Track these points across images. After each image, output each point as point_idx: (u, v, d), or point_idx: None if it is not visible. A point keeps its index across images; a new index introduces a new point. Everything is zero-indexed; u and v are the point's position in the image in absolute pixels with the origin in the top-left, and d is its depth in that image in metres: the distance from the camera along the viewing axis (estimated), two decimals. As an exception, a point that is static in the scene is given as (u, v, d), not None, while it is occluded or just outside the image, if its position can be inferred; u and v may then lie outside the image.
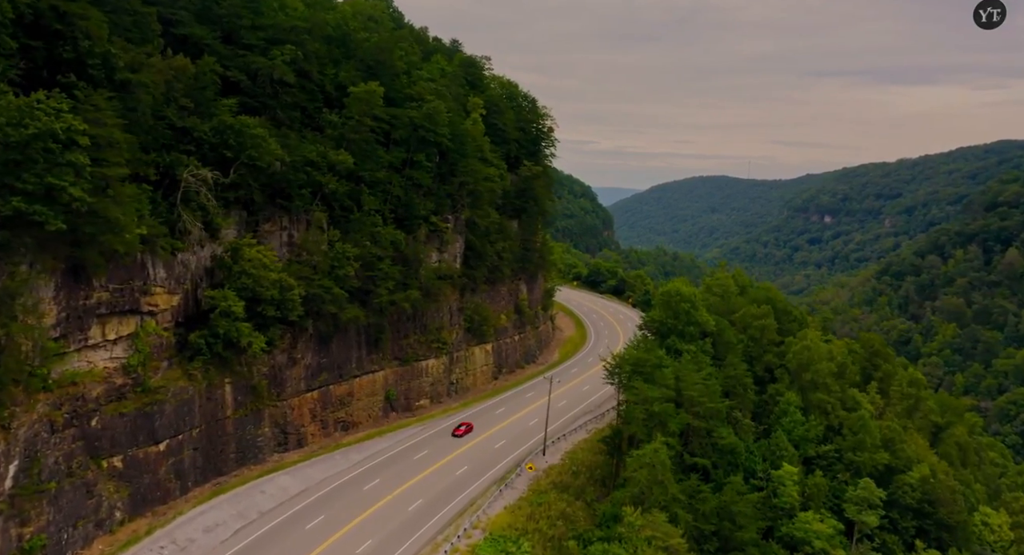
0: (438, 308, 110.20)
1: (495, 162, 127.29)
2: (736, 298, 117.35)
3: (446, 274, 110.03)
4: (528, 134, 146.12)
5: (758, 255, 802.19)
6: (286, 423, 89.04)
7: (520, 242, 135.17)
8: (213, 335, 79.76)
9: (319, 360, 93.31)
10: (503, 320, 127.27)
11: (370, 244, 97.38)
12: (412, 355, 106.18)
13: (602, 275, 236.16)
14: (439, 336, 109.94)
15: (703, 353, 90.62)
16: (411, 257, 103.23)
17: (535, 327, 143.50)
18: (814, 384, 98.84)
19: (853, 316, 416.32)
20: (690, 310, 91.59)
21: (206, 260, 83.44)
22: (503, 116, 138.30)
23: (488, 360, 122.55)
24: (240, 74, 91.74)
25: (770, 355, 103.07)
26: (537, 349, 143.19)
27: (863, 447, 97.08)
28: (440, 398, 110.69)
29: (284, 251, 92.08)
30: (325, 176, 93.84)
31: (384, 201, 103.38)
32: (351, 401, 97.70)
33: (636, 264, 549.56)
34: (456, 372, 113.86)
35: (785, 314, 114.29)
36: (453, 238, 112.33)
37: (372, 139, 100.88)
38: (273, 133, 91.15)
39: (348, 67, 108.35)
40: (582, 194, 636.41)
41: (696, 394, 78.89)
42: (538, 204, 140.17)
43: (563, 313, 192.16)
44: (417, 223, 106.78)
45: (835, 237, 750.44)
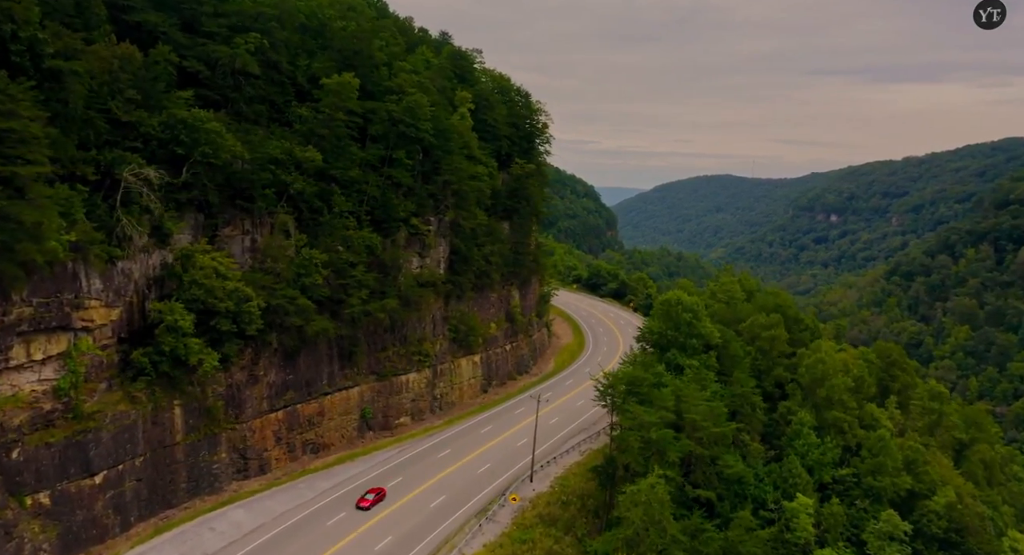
0: (420, 318, 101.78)
1: (484, 160, 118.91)
2: (743, 305, 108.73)
3: (428, 281, 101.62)
4: (521, 130, 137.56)
5: (764, 255, 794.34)
6: (246, 447, 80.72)
7: (512, 245, 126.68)
8: (159, 353, 71.49)
9: (284, 377, 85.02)
10: (493, 329, 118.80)
11: (342, 249, 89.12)
12: (391, 369, 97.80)
13: (603, 278, 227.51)
14: (421, 348, 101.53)
15: (707, 368, 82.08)
16: (388, 263, 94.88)
17: (528, 335, 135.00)
18: (829, 401, 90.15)
19: (862, 318, 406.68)
20: (692, 321, 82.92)
21: (155, 268, 75.21)
22: (494, 111, 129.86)
23: (476, 372, 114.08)
24: (198, 64, 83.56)
25: (780, 369, 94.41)
26: (531, 359, 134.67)
27: (884, 470, 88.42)
28: (422, 415, 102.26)
29: (246, 258, 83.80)
30: (291, 175, 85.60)
31: (360, 202, 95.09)
32: (321, 421, 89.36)
33: (640, 265, 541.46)
34: (440, 386, 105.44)
35: (796, 322, 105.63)
36: (436, 242, 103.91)
37: (345, 135, 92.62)
38: (234, 128, 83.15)
39: (323, 58, 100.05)
40: (585, 194, 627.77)
41: (699, 417, 70.31)
42: (531, 204, 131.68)
43: (561, 319, 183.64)
44: (396, 226, 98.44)
45: (841, 236, 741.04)
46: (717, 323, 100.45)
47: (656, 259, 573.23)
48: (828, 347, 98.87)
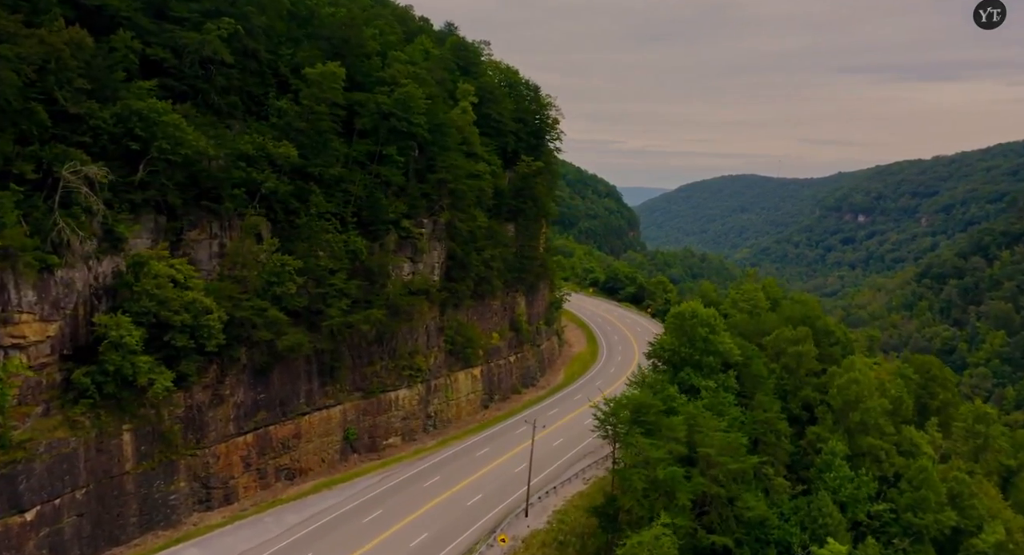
0: (411, 329, 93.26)
1: (486, 157, 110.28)
2: (767, 316, 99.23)
3: (420, 288, 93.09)
4: (529, 126, 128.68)
5: (789, 255, 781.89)
6: (209, 476, 72.64)
7: (517, 248, 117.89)
8: (103, 372, 63.56)
9: (255, 396, 76.91)
10: (495, 339, 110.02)
11: (322, 254, 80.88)
12: (378, 385, 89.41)
13: (620, 281, 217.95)
14: (412, 362, 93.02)
15: (725, 390, 72.80)
16: (375, 269, 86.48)
17: (535, 345, 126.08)
18: (864, 426, 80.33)
19: (892, 322, 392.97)
20: (709, 336, 73.50)
21: (105, 277, 67.43)
22: (499, 105, 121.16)
23: (475, 387, 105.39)
24: (164, 52, 75.74)
25: (808, 389, 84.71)
26: (538, 370, 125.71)
27: (925, 505, 78.46)
28: (414, 435, 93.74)
29: (214, 264, 75.86)
30: (263, 173, 77.55)
31: (345, 203, 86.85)
32: (298, 444, 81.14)
33: (662, 266, 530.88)
34: (435, 403, 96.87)
35: (826, 335, 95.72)
36: (430, 246, 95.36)
37: (328, 129, 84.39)
38: (200, 121, 75.30)
39: (309, 47, 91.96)
40: (606, 194, 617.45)
41: (715, 452, 61.07)
42: (539, 205, 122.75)
43: (574, 325, 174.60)
44: (384, 229, 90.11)
45: (869, 237, 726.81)
46: (738, 336, 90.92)
47: (679, 260, 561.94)
48: (862, 364, 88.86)
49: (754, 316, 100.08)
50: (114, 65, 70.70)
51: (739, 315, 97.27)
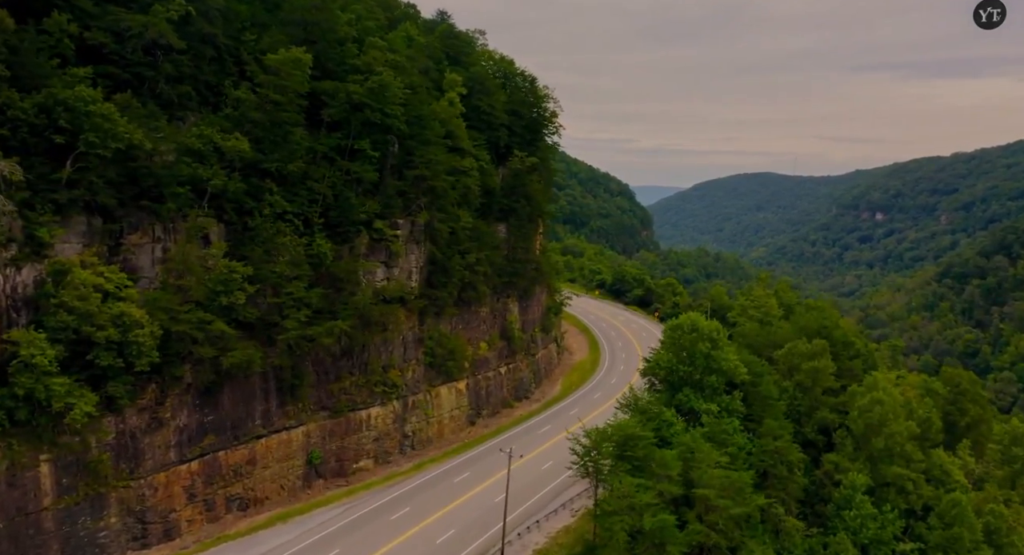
0: (385, 340, 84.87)
1: (473, 152, 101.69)
2: (779, 325, 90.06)
3: (395, 296, 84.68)
4: (523, 119, 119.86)
5: (806, 254, 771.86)
6: (145, 509, 64.54)
7: (508, 251, 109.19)
8: (12, 396, 55.78)
9: (201, 419, 68.80)
10: (483, 350, 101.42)
11: (280, 260, 72.60)
12: (347, 403, 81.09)
13: (627, 283, 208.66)
14: (386, 377, 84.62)
15: (729, 414, 63.95)
16: (341, 275, 78.10)
17: (530, 355, 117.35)
18: (888, 453, 71.04)
19: (912, 324, 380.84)
20: (711, 352, 64.46)
21: (25, 287, 59.62)
22: (491, 97, 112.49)
23: (460, 402, 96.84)
24: (103, 36, 67.80)
25: (825, 410, 75.48)
26: (532, 382, 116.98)
27: (959, 546, 69.20)
28: (388, 457, 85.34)
29: (156, 272, 67.82)
30: (210, 169, 69.43)
31: (310, 202, 78.59)
32: (252, 471, 72.95)
33: (675, 266, 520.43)
34: (412, 422, 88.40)
35: (845, 346, 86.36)
36: (406, 249, 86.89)
37: (289, 120, 76.16)
38: (141, 112, 67.31)
39: (275, 32, 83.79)
40: (619, 192, 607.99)
41: (714, 493, 52.27)
42: (532, 203, 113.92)
43: (576, 330, 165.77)
44: (355, 230, 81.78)
45: (887, 235, 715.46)
46: (746, 348, 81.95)
47: (693, 260, 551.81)
48: (885, 381, 79.51)
49: (765, 325, 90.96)
50: (44, 50, 63.29)
51: (748, 324, 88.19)
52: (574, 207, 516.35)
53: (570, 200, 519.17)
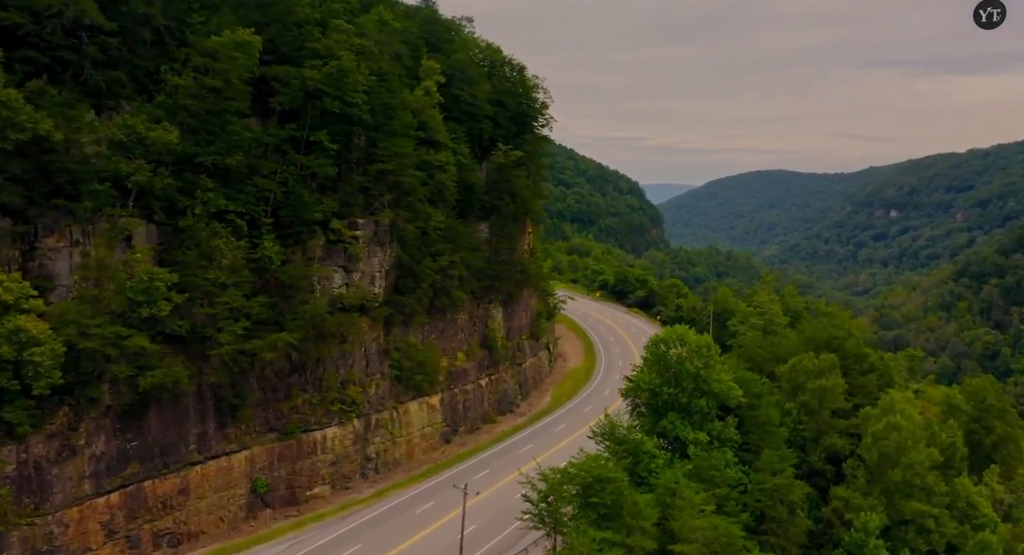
0: (344, 353, 76.55)
1: (451, 145, 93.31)
2: (785, 333, 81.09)
3: (355, 304, 76.35)
4: (510, 111, 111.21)
5: (819, 252, 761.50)
6: (54, 549, 56.43)
7: (491, 252, 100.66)
8: None
9: (123, 445, 60.69)
10: (460, 360, 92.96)
11: (216, 266, 64.37)
12: (298, 424, 72.83)
13: (630, 284, 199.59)
14: (344, 393, 76.30)
15: (721, 443, 55.19)
16: (289, 282, 69.85)
17: (516, 364, 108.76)
18: (907, 486, 61.84)
19: (929, 325, 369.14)
20: (700, 372, 55.56)
21: (-93, 297, 51.66)
22: (473, 86, 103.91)
23: (433, 419, 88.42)
24: (20, 16, 59.93)
25: (834, 436, 66.27)
26: (519, 393, 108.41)
27: (990, 593, 60.40)
28: (348, 482, 77.02)
29: (75, 279, 59.83)
30: (133, 162, 61.34)
31: (257, 200, 70.43)
32: (185, 502, 64.77)
33: (685, 265, 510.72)
34: (376, 442, 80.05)
35: (858, 359, 77.04)
36: (368, 251, 78.53)
37: (228, 108, 67.99)
38: (58, 100, 59.45)
39: (226, 13, 75.77)
40: (628, 190, 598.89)
41: (697, 550, 43.27)
42: (518, 201, 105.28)
43: (573, 335, 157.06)
44: (308, 231, 73.53)
45: (902, 233, 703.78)
46: (746, 361, 73.06)
47: (703, 258, 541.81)
48: (903, 402, 70.23)
49: (768, 335, 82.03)
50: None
51: (749, 333, 79.35)
52: (582, 205, 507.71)
53: (578, 198, 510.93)
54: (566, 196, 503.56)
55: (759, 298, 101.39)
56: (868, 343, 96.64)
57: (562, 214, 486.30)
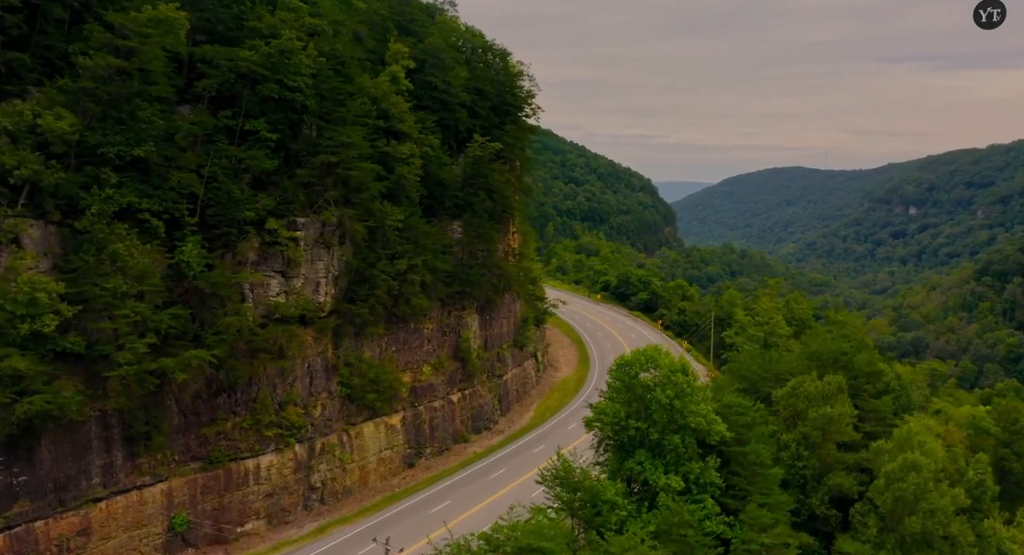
0: (282, 370, 67.60)
1: (417, 136, 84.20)
2: (788, 345, 71.22)
3: (296, 314, 67.41)
4: (489, 99, 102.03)
5: (836, 250, 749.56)
6: (-88, 610, 48.05)
7: (464, 254, 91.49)
8: None
9: (9, 479, 51.98)
10: (426, 375, 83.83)
11: (117, 273, 55.58)
12: (226, 451, 63.95)
13: (632, 286, 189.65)
14: (283, 416, 67.36)
15: (700, 489, 45.61)
16: (210, 291, 60.99)
17: (496, 376, 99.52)
18: (927, 538, 51.86)
19: (949, 326, 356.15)
20: (675, 402, 45.66)
21: None
22: (448, 73, 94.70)
23: (393, 441, 79.35)
24: None
25: (840, 473, 56.13)
26: (498, 408, 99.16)
27: None
28: (287, 516, 68.06)
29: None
30: (18, 154, 52.80)
31: (180, 198, 61.69)
32: (86, 544, 55.97)
33: (698, 264, 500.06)
34: (322, 470, 71.05)
35: (871, 378, 66.86)
36: (311, 254, 69.56)
37: (138, 92, 59.25)
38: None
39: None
40: (640, 188, 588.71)
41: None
42: (496, 197, 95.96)
43: (569, 340, 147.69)
44: (240, 232, 64.68)
45: (921, 230, 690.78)
46: (740, 381, 63.41)
47: (717, 257, 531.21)
48: (921, 429, 60.04)
49: (770, 348, 72.25)
50: None
51: (746, 347, 69.53)
52: (593, 203, 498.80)
53: (589, 196, 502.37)
54: (577, 194, 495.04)
55: (760, 305, 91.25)
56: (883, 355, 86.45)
57: (572, 212, 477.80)
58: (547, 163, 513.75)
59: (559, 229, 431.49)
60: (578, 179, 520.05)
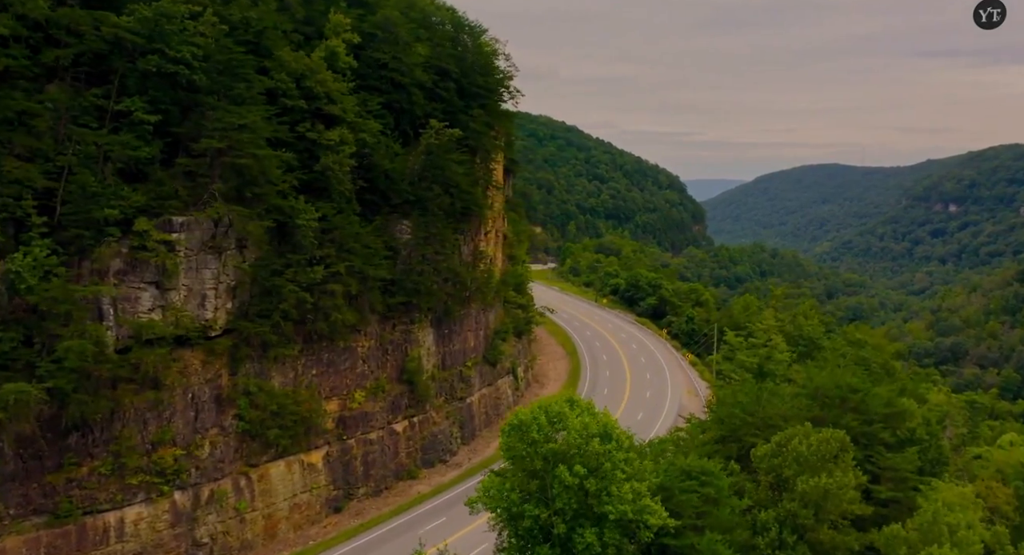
0: (157, 402, 55.21)
1: (350, 119, 71.46)
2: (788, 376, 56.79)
3: (167, 336, 54.92)
4: (454, 81, 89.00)
5: (873, 249, 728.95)
6: None
7: (416, 258, 78.46)
8: None
9: None
10: (357, 402, 70.90)
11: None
12: (79, 502, 51.64)
13: (642, 290, 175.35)
14: (153, 459, 54.99)
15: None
16: (48, 308, 48.78)
17: (457, 399, 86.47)
18: None
19: (991, 331, 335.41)
20: (588, 483, 30.87)
21: None
22: (402, 49, 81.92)
23: (312, 482, 66.63)
24: None
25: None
26: (459, 437, 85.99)
27: None
28: (163, 582, 55.73)
29: None
30: None
31: (23, 190, 49.73)
32: None
33: (727, 263, 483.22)
34: (211, 522, 58.52)
35: (892, 420, 51.65)
36: (196, 261, 57.10)
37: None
38: None
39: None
40: (668, 185, 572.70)
41: None
42: (455, 192, 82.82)
43: (563, 351, 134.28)
44: (99, 235, 52.45)
45: (961, 228, 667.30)
46: (718, 427, 49.65)
47: (747, 256, 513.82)
48: (956, 501, 45.33)
49: (767, 377, 57.68)
50: None
51: (736, 376, 55.21)
52: (617, 201, 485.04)
53: (613, 193, 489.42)
54: (601, 191, 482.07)
55: (757, 324, 76.07)
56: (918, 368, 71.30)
57: (596, 210, 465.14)
58: (571, 160, 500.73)
59: (581, 227, 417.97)
60: (603, 176, 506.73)
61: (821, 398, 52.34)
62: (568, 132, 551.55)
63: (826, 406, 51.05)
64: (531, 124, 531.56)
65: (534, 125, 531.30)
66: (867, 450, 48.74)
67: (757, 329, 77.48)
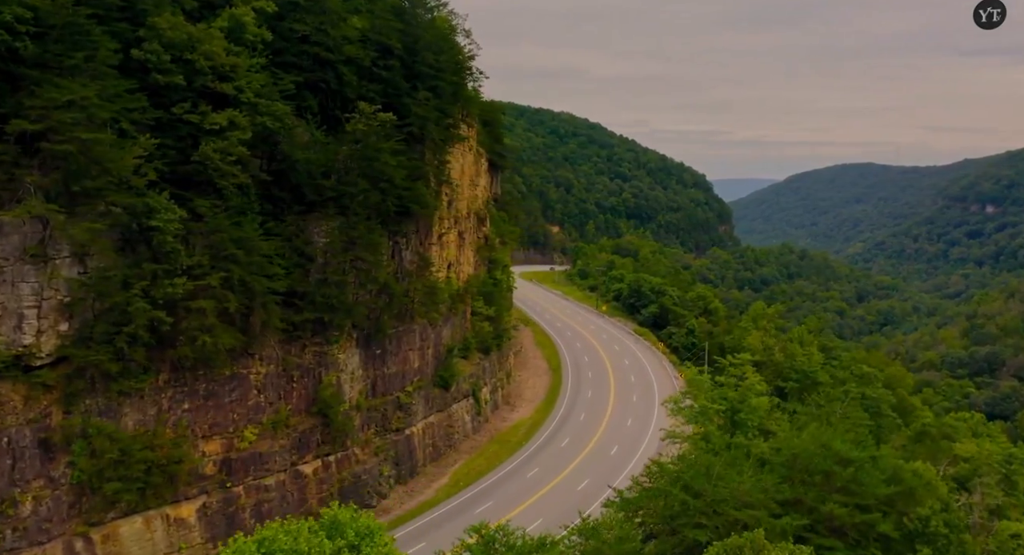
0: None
1: (249, 99, 59.32)
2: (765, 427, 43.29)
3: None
4: (397, 58, 76.64)
5: (907, 251, 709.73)
6: None
7: (338, 266, 66.10)
8: None
9: None
10: (247, 441, 58.64)
11: None
12: None
13: (644, 297, 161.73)
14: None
15: None
16: None
17: (390, 431, 73.98)
18: None
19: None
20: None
21: None
22: (328, 20, 69.73)
23: (182, 541, 54.51)
24: None
25: None
26: (392, 476, 73.49)
27: None
28: None
29: None
30: None
31: None
32: None
33: (752, 265, 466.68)
34: (25, 602, 46.70)
35: (899, 501, 37.79)
36: (12, 273, 45.19)
37: None
38: None
39: None
40: (693, 184, 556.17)
41: None
42: (390, 190, 70.28)
43: (547, 367, 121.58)
44: None
45: (999, 230, 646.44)
46: (643, 528, 36.32)
47: (774, 258, 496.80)
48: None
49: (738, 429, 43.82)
50: None
51: (691, 446, 41.42)
52: (639, 200, 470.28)
53: (635, 192, 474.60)
54: (623, 190, 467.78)
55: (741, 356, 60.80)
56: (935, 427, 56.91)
57: (616, 209, 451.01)
58: (592, 157, 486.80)
59: (600, 227, 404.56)
60: (625, 174, 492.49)
61: (801, 471, 38.71)
62: (591, 129, 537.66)
63: (804, 483, 37.63)
64: (553, 121, 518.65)
65: (556, 122, 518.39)
66: (858, 550, 35.16)
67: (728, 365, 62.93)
